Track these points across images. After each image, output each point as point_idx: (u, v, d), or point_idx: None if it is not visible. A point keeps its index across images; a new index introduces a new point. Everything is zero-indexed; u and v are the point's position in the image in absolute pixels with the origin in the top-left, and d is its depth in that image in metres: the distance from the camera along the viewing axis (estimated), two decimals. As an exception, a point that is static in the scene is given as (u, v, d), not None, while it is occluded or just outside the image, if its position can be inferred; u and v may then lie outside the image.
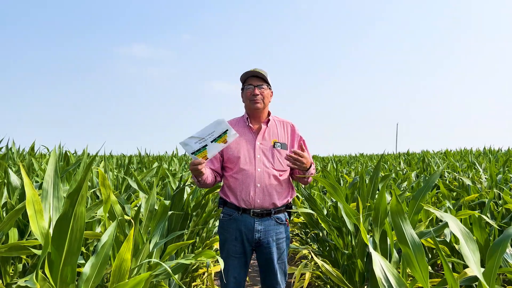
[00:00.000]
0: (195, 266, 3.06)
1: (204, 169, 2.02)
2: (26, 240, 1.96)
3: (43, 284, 1.29)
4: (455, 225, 1.47)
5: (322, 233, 3.09)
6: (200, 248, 3.21)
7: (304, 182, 2.23)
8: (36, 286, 1.24)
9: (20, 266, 2.31)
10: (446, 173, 5.41)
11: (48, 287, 1.30)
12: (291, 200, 2.26)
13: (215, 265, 3.19)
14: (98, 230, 2.53)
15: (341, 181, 4.99)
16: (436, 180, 2.51)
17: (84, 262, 1.90)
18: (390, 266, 1.40)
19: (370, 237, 2.14)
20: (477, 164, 5.82)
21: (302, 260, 4.00)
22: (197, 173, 2.00)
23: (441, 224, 2.07)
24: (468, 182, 3.84)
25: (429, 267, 2.41)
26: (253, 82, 2.18)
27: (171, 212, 2.54)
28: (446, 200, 3.11)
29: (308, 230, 4.11)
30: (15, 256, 2.27)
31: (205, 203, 2.98)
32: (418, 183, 3.92)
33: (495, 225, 2.34)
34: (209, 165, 2.21)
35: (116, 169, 5.27)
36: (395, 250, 1.99)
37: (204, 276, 3.27)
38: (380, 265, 1.38)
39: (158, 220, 2.20)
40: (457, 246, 2.46)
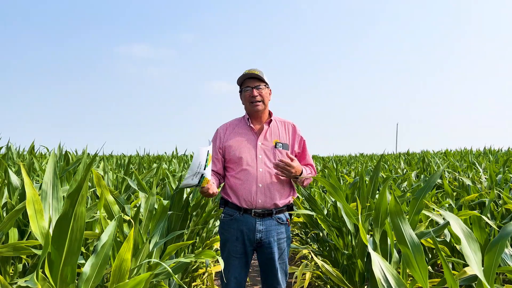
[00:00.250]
0: (195, 266, 3.06)
1: (214, 187, 2.06)
2: (26, 240, 1.96)
3: (43, 284, 1.29)
4: (457, 225, 1.47)
5: (322, 233, 3.09)
6: (200, 248, 3.21)
7: (301, 184, 2.24)
8: (37, 286, 1.24)
9: (20, 266, 2.31)
10: (446, 173, 5.41)
11: (48, 287, 1.30)
12: (292, 201, 2.27)
13: (215, 265, 3.18)
14: (97, 231, 2.53)
15: (341, 181, 4.99)
16: (437, 180, 2.51)
17: (84, 262, 1.91)
18: (390, 267, 1.40)
19: (370, 237, 2.13)
20: (477, 164, 5.81)
21: (302, 260, 4.00)
22: (211, 195, 2.04)
23: (442, 224, 2.06)
24: (468, 182, 3.84)
25: (429, 267, 2.41)
26: (250, 84, 2.18)
27: (171, 212, 2.54)
28: (449, 199, 3.10)
29: (308, 230, 4.11)
30: (15, 256, 2.27)
31: (205, 203, 2.98)
32: (419, 184, 3.92)
33: (495, 226, 2.33)
34: (212, 167, 2.22)
35: (116, 169, 5.27)
36: (396, 250, 1.99)
37: (204, 276, 3.27)
38: (380, 266, 1.38)
39: (158, 220, 2.20)
40: (458, 246, 2.46)
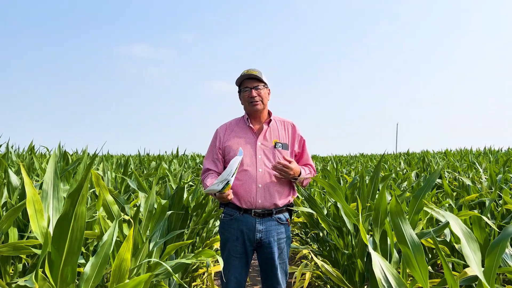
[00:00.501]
0: (195, 266, 3.06)
1: (231, 193, 2.08)
2: (26, 240, 1.96)
3: (43, 284, 1.29)
4: (457, 225, 1.47)
5: (322, 233, 3.09)
6: (200, 248, 3.21)
7: (300, 184, 2.24)
8: (35, 286, 1.24)
9: (20, 266, 2.31)
10: (446, 173, 5.41)
11: (48, 287, 1.30)
12: (292, 200, 2.27)
13: (215, 265, 3.18)
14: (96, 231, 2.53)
15: (341, 181, 4.99)
16: (437, 179, 2.51)
17: (84, 262, 1.91)
18: (390, 267, 1.40)
19: (370, 237, 2.13)
20: (477, 164, 5.81)
21: (302, 260, 3.99)
22: (227, 201, 2.06)
23: (442, 224, 2.06)
24: (468, 182, 3.83)
25: (429, 267, 2.41)
26: (249, 84, 2.18)
27: (171, 212, 2.54)
28: (449, 199, 3.10)
29: (308, 230, 4.11)
30: (15, 256, 2.27)
31: (205, 203, 2.98)
32: (418, 183, 3.92)
33: (494, 226, 2.33)
34: (213, 168, 2.22)
35: (116, 169, 5.26)
36: (395, 250, 1.99)
37: (204, 276, 3.27)
38: (380, 266, 1.38)
39: (158, 220, 2.20)
40: (457, 246, 2.46)
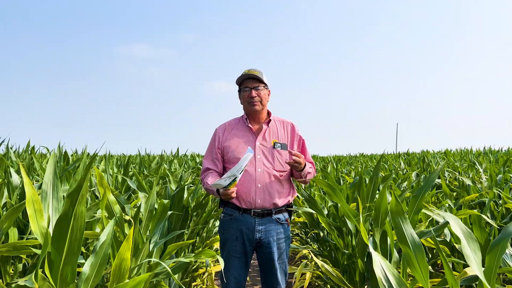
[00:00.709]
0: (195, 266, 3.06)
1: (235, 191, 2.07)
2: (26, 240, 1.96)
3: (43, 284, 1.29)
4: (457, 225, 1.46)
5: (323, 233, 3.09)
6: (200, 248, 3.21)
7: (303, 181, 2.24)
8: (35, 286, 1.24)
9: (20, 266, 2.31)
10: (447, 173, 5.41)
11: (48, 287, 1.30)
12: (292, 200, 2.27)
13: (215, 265, 3.18)
14: (98, 230, 2.53)
15: (341, 181, 4.99)
16: (436, 179, 2.51)
17: (84, 262, 1.90)
18: (390, 266, 1.40)
19: (371, 237, 2.13)
20: (477, 164, 5.81)
21: (303, 260, 3.99)
22: (231, 198, 2.05)
23: (442, 224, 2.06)
24: (468, 182, 3.83)
25: (429, 267, 2.41)
26: (249, 84, 2.18)
27: (171, 212, 2.54)
28: (448, 199, 3.10)
29: (308, 230, 4.11)
30: (15, 256, 2.27)
31: (205, 203, 2.98)
32: (418, 183, 3.92)
33: (495, 225, 2.33)
34: (213, 167, 2.22)
35: (116, 169, 5.26)
36: (396, 250, 1.98)
37: (204, 276, 3.27)
38: (380, 265, 1.38)
39: (158, 220, 2.20)
40: (458, 246, 2.46)
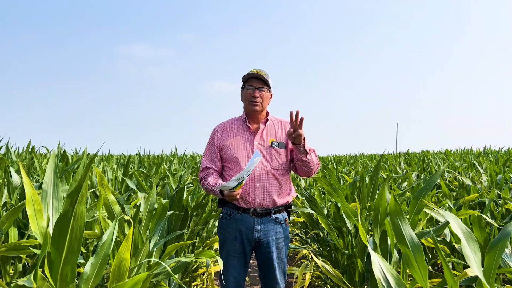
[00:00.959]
0: (195, 266, 3.06)
1: (239, 193, 2.07)
2: (26, 240, 1.96)
3: (43, 284, 1.29)
4: (457, 225, 1.47)
5: (323, 233, 3.09)
6: (200, 248, 3.21)
7: (305, 171, 2.20)
8: (34, 286, 1.24)
9: (20, 266, 2.31)
10: (447, 173, 5.41)
11: (48, 287, 1.30)
12: (291, 200, 2.26)
13: (215, 265, 3.18)
14: (97, 231, 2.53)
15: (341, 181, 4.99)
16: (437, 180, 2.51)
17: (84, 262, 1.90)
18: (389, 267, 1.40)
19: (370, 238, 2.13)
20: (477, 164, 5.81)
21: (302, 260, 3.99)
22: (236, 199, 2.06)
23: (442, 224, 2.06)
24: (468, 182, 3.83)
25: (429, 267, 2.41)
26: (254, 84, 2.19)
27: (171, 212, 2.54)
28: (447, 200, 3.10)
29: (308, 230, 4.11)
30: (15, 256, 2.27)
31: (205, 203, 2.98)
32: (418, 184, 3.92)
33: (495, 225, 2.33)
34: (212, 166, 2.22)
35: (116, 169, 5.27)
36: (395, 250, 1.98)
37: (204, 276, 3.27)
38: (379, 266, 1.38)
39: (158, 220, 2.20)
40: (457, 246, 2.46)
